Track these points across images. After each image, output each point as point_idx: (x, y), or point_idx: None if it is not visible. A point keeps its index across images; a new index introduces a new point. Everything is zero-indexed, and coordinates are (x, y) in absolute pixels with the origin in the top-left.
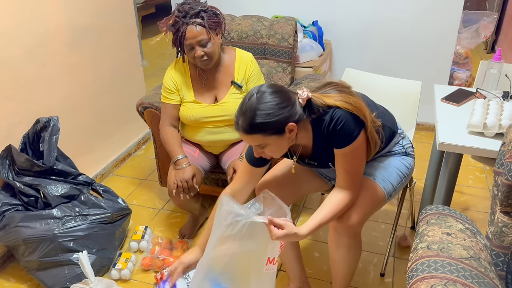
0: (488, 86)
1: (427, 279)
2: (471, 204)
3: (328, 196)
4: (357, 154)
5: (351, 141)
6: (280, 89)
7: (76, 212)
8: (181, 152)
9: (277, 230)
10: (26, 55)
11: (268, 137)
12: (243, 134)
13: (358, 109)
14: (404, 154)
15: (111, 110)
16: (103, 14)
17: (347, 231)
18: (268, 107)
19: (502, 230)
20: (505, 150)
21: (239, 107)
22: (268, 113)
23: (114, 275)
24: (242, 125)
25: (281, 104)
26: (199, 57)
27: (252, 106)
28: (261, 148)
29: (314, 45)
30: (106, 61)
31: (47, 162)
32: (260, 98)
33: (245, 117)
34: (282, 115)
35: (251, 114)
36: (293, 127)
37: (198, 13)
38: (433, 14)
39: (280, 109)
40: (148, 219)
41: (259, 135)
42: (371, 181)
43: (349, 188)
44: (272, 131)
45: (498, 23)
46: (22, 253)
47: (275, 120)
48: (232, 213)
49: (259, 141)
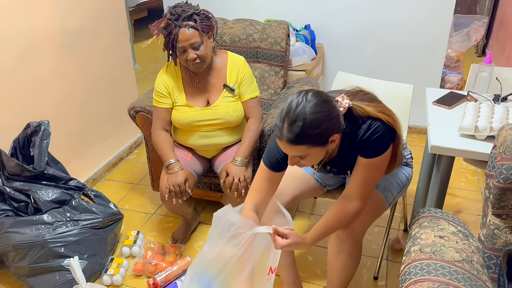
0: (479, 89)
1: (420, 282)
2: (463, 207)
3: (336, 204)
4: (380, 166)
5: (380, 153)
6: (327, 98)
7: (67, 217)
8: (173, 156)
9: (282, 240)
10: (16, 59)
11: (312, 149)
12: (287, 144)
13: (395, 122)
14: (405, 164)
15: (103, 114)
16: (95, 17)
17: (350, 239)
18: (317, 119)
19: (494, 232)
20: (496, 153)
21: (284, 113)
22: (317, 124)
23: (106, 281)
24: (287, 135)
25: (331, 115)
26: (192, 60)
27: (301, 116)
28: (300, 159)
29: (306, 48)
30: (97, 65)
31: (37, 167)
32: (311, 108)
33: (293, 127)
34: (329, 127)
35: (300, 124)
36: (336, 138)
37: (190, 16)
38: (425, 18)
39: (329, 121)
40: (140, 224)
41: (304, 146)
42: (374, 190)
43: (360, 197)
44: (318, 142)
45: (488, 26)
46: (12, 259)
47: (322, 132)
48: (235, 225)
49: (302, 152)
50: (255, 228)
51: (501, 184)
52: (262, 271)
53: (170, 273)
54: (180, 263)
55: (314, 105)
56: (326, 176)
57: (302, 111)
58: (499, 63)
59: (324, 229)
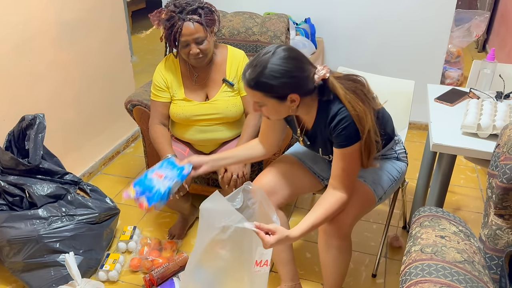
0: (482, 86)
1: (421, 283)
2: (463, 204)
3: (322, 197)
4: (354, 155)
5: (350, 143)
6: (297, 56)
7: (62, 212)
8: (171, 151)
9: (269, 237)
10: (11, 51)
11: (267, 99)
12: (246, 87)
13: (359, 119)
14: (396, 159)
15: (99, 108)
16: (92, 9)
17: (337, 233)
18: (277, 70)
19: (496, 233)
20: (499, 152)
21: (253, 58)
22: (274, 76)
23: (102, 277)
24: (247, 78)
25: (291, 72)
26: (194, 54)
27: (262, 63)
28: (259, 106)
29: (306, 42)
30: (94, 57)
31: (32, 160)
32: (273, 59)
33: (252, 71)
34: (288, 83)
35: (258, 70)
36: (296, 99)
37: (195, 9)
38: (427, 12)
39: (288, 77)
40: (137, 219)
41: (259, 93)
42: (362, 183)
43: (344, 188)
44: (273, 94)
45: (489, 22)
46: (6, 254)
47: (279, 85)
48: (226, 216)
49: (258, 98)
50: (242, 223)
51: (504, 184)
52: (251, 263)
53: (167, 269)
54: (177, 259)
55: (280, 58)
56: (322, 167)
57: (265, 59)
58: (500, 59)
59: (312, 222)
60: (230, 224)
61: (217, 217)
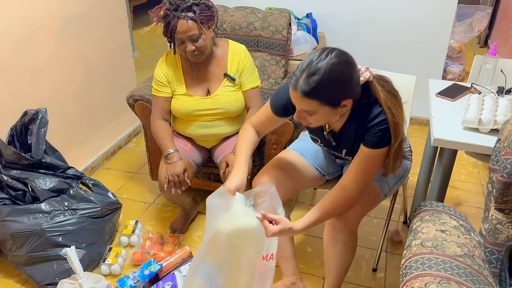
0: (483, 81)
1: (421, 276)
2: (464, 199)
3: (330, 194)
4: (380, 159)
5: (382, 146)
6: (351, 60)
7: (65, 206)
8: (172, 146)
9: (272, 226)
10: (13, 46)
11: (322, 107)
12: (300, 95)
13: (395, 126)
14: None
15: (101, 102)
16: (93, 4)
17: (345, 228)
18: (339, 78)
19: (496, 227)
20: (500, 147)
21: (305, 64)
22: (334, 83)
23: (104, 270)
24: (303, 87)
25: (350, 77)
26: (190, 52)
27: (322, 70)
28: (308, 114)
29: (308, 38)
30: (96, 52)
31: (35, 155)
32: (333, 66)
33: (310, 79)
34: (346, 89)
35: (318, 78)
36: (349, 103)
37: (190, 7)
38: (429, 7)
39: (347, 83)
40: (139, 213)
41: (316, 102)
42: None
43: (357, 188)
44: (330, 101)
45: (491, 17)
46: (9, 248)
47: (338, 92)
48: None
49: (313, 107)
50: (247, 213)
51: (504, 179)
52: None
53: (169, 263)
54: (178, 253)
55: (337, 63)
56: (325, 163)
57: (323, 66)
58: (502, 54)
59: (317, 217)
60: (234, 215)
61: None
